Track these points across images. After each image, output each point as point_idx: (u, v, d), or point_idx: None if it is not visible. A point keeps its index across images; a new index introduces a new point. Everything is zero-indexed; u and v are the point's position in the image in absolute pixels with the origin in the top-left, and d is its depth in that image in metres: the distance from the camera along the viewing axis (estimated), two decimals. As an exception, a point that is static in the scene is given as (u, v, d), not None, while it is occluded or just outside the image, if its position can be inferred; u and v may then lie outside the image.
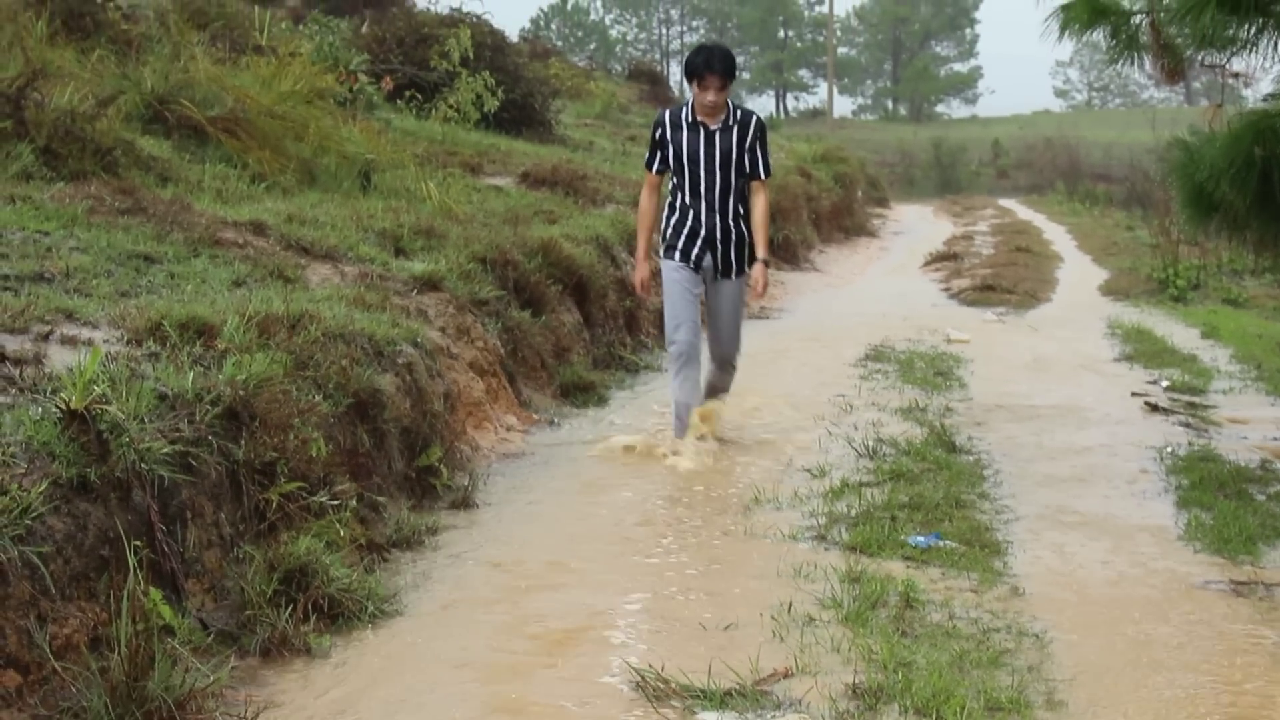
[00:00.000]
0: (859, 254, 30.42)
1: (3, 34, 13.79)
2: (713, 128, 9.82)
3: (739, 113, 9.94)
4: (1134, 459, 10.19)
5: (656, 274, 10.43)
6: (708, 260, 9.94)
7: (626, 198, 18.25)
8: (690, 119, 9.87)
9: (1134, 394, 12.89)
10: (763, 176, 9.96)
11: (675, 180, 10.01)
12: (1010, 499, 8.91)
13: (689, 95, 9.94)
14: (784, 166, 29.66)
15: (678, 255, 9.96)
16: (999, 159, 74.92)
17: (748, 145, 9.85)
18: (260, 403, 6.75)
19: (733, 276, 10.00)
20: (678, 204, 10.00)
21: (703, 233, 9.89)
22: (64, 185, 10.22)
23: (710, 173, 9.83)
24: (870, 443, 10.18)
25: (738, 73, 10.05)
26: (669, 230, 10.06)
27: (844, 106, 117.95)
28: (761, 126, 9.99)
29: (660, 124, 10.06)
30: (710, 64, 9.63)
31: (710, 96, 9.66)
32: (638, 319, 14.99)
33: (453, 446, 9.22)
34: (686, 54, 10.11)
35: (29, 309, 6.96)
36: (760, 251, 9.99)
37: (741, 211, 9.94)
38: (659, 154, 10.02)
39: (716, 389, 10.38)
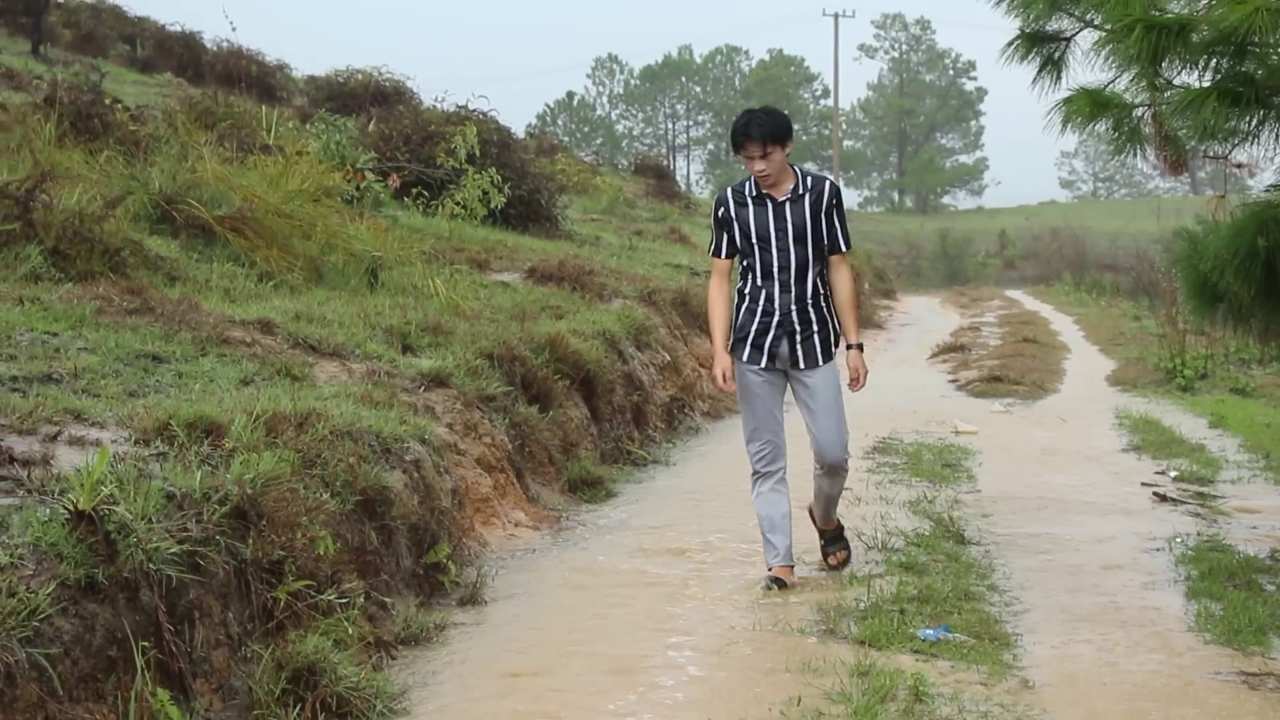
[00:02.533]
0: (866, 346, 30.42)
1: (11, 136, 13.90)
2: (780, 199, 8.76)
3: (809, 180, 8.87)
4: (1143, 549, 10.17)
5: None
6: (784, 349, 8.85)
7: (633, 292, 18.31)
8: (754, 192, 8.83)
9: (1143, 484, 12.88)
10: (843, 249, 8.93)
11: (744, 263, 8.92)
12: (1020, 591, 8.89)
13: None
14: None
15: (748, 350, 8.90)
16: (1005, 250, 75.25)
17: (823, 214, 8.81)
18: (268, 501, 6.76)
19: (819, 364, 8.92)
20: (748, 289, 8.92)
21: (776, 317, 8.81)
22: (72, 286, 10.26)
23: (783, 250, 8.77)
24: (879, 535, 10.16)
25: (792, 136, 8.91)
26: (738, 320, 8.98)
27: (850, 199, 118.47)
28: (837, 193, 8.95)
29: (722, 202, 9.00)
30: (747, 129, 8.62)
31: (757, 166, 8.62)
32: (645, 413, 15.02)
33: (461, 543, 9.22)
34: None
35: (37, 410, 6.98)
36: (852, 335, 9.07)
37: (822, 290, 8.89)
38: (725, 235, 8.94)
39: (828, 500, 9.31)
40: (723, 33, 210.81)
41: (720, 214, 8.98)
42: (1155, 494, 12.34)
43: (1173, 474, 13.48)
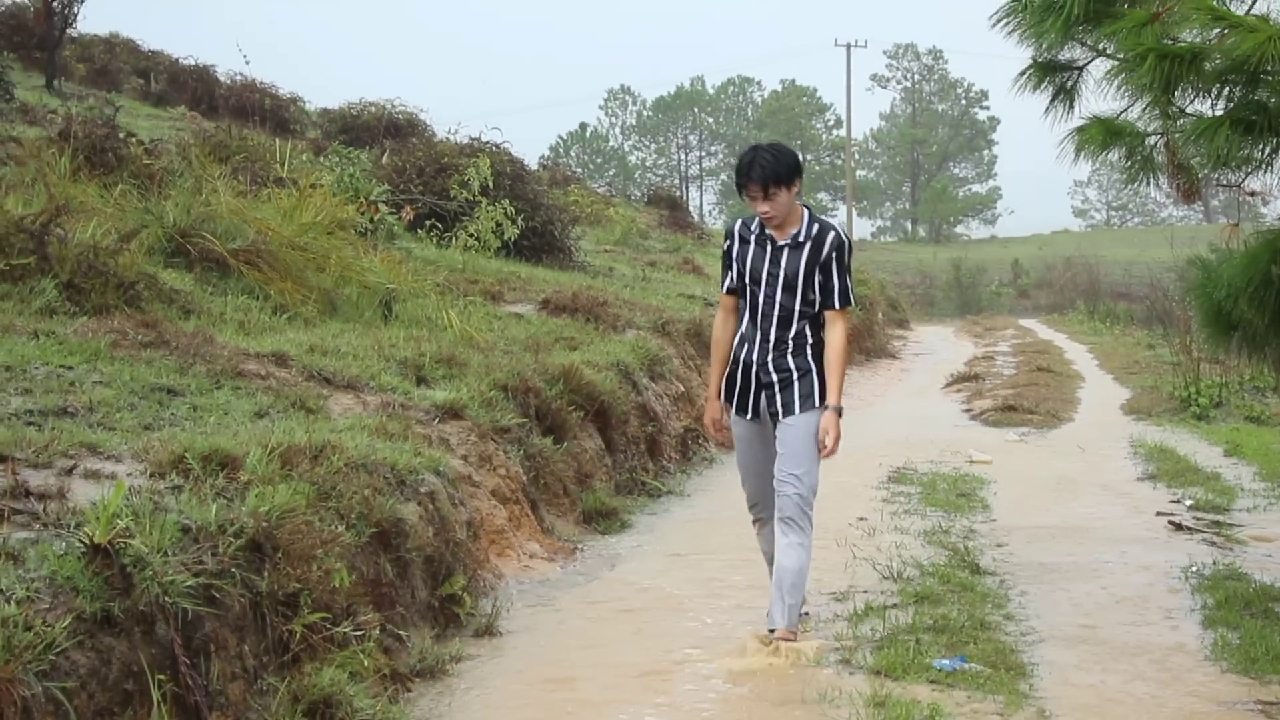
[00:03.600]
0: (880, 376, 30.46)
1: (27, 170, 13.94)
2: (780, 242, 8.19)
3: (815, 227, 8.22)
4: (1159, 578, 10.16)
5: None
6: (763, 401, 8.31)
7: (647, 323, 18.31)
8: (759, 230, 8.27)
9: (1158, 513, 12.85)
10: (837, 306, 8.22)
11: (742, 303, 8.44)
12: (1035, 620, 8.88)
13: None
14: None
15: (735, 400, 8.46)
16: (1019, 279, 75.20)
17: (820, 266, 8.15)
18: (283, 534, 6.76)
19: (796, 413, 8.20)
20: (738, 335, 8.45)
21: (754, 369, 8.30)
22: (87, 320, 10.28)
23: (770, 297, 8.23)
24: (894, 565, 10.15)
25: (800, 175, 8.10)
26: (730, 366, 8.49)
27: (863, 229, 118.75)
28: (840, 244, 8.21)
29: (730, 235, 8.48)
30: (749, 170, 8.05)
31: (760, 208, 8.07)
32: (660, 444, 15.01)
33: (476, 575, 9.22)
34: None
35: (53, 443, 6.99)
36: (831, 397, 8.21)
37: (808, 339, 8.26)
38: (729, 271, 8.44)
39: (780, 579, 8.15)
40: (735, 63, 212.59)
41: (726, 247, 8.49)
42: (1171, 523, 12.32)
43: (1188, 503, 13.46)
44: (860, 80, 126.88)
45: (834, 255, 8.19)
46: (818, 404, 8.24)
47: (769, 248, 8.24)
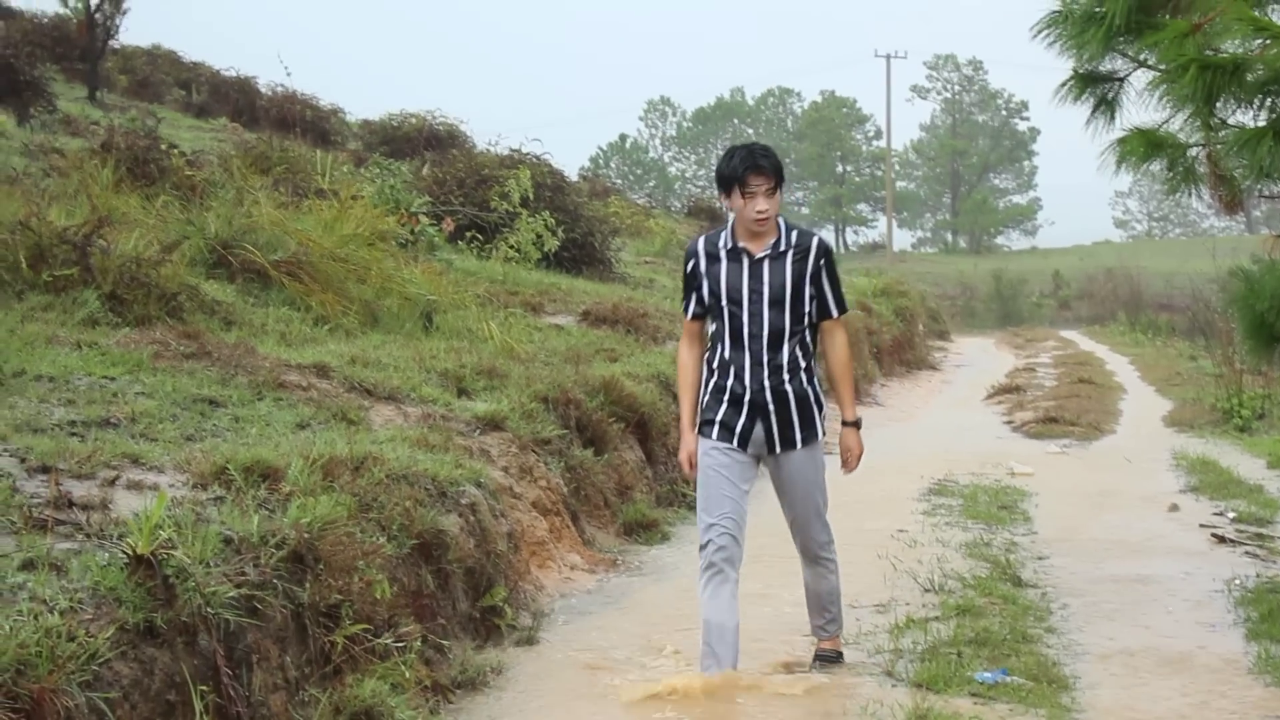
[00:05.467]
0: (921, 387, 30.37)
1: (69, 182, 14.03)
2: (758, 255, 7.46)
3: (794, 235, 7.54)
4: (1202, 591, 10.11)
5: None
6: (758, 431, 7.54)
7: (687, 334, 18.28)
8: (730, 244, 7.54)
9: (1201, 525, 12.80)
10: (834, 314, 7.66)
11: (715, 328, 7.65)
12: (1077, 633, 8.85)
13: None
14: (844, 301, 29.75)
15: (716, 431, 7.59)
16: (1060, 290, 74.97)
17: (808, 276, 7.49)
18: (325, 545, 6.77)
19: (797, 447, 7.59)
20: (716, 361, 7.62)
21: (747, 395, 7.49)
22: (129, 331, 10.32)
23: (756, 315, 7.46)
24: (935, 577, 10.13)
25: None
26: (706, 396, 7.66)
27: (903, 240, 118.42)
28: (826, 251, 7.60)
29: (693, 254, 7.70)
30: (753, 161, 7.36)
31: (760, 205, 7.33)
32: (700, 456, 14.98)
33: (517, 586, 9.23)
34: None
35: (95, 454, 7.03)
36: (847, 410, 7.80)
37: (801, 363, 7.53)
38: (694, 294, 7.71)
39: (821, 603, 8.00)
40: (775, 75, 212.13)
41: (690, 268, 7.72)
42: (1213, 535, 12.26)
43: (1231, 515, 13.39)
44: (900, 91, 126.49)
45: (822, 263, 7.56)
46: (820, 434, 7.68)
47: (745, 262, 7.49)
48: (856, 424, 7.84)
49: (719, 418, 7.58)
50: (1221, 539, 12.09)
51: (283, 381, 9.88)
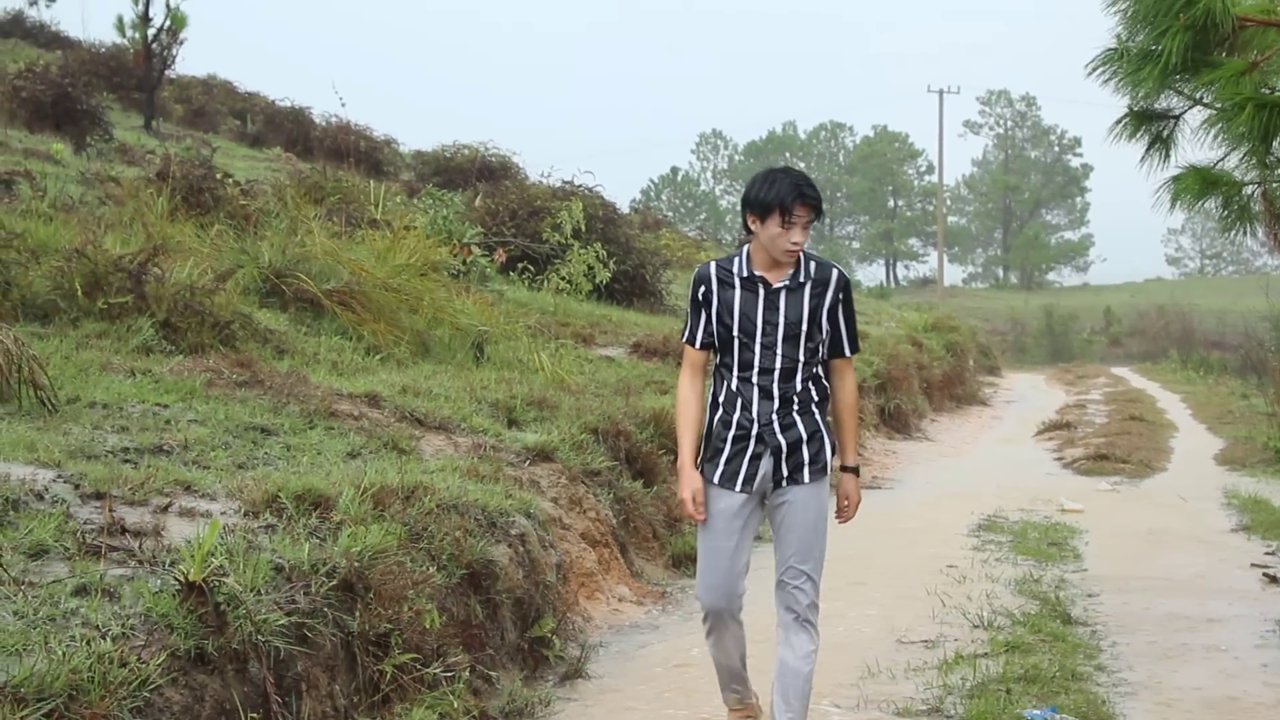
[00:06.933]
0: (971, 423, 30.30)
1: (125, 210, 14.13)
2: (775, 285, 6.80)
3: (813, 265, 6.88)
4: (1254, 631, 10.05)
5: None
6: (764, 467, 6.81)
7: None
8: (745, 272, 6.87)
9: (1252, 565, 12.73)
10: (846, 353, 7.00)
11: (720, 358, 6.98)
12: (1127, 671, 8.80)
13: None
14: (894, 335, 29.78)
15: (720, 473, 6.86)
16: (1111, 327, 74.75)
17: (825, 310, 6.85)
18: (375, 574, 6.79)
19: (804, 482, 6.83)
20: (722, 394, 6.94)
21: (754, 430, 6.80)
22: (183, 358, 10.39)
23: (769, 348, 6.82)
24: (984, 614, 10.09)
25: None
26: (710, 431, 6.96)
27: (954, 275, 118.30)
28: (845, 285, 6.94)
29: (703, 280, 6.96)
30: (800, 190, 6.65)
31: (798, 235, 6.67)
32: (749, 489, 14.96)
33: (565, 617, 9.22)
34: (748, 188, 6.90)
35: (148, 481, 7.07)
36: (849, 457, 7.05)
37: (814, 396, 6.90)
38: (702, 321, 6.97)
39: (790, 684, 6.78)
40: (827, 109, 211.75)
41: (700, 294, 6.95)
42: (1265, 575, 12.19)
43: (1284, 555, 13.33)
44: (953, 126, 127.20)
45: (840, 298, 6.89)
46: (828, 471, 6.91)
47: (761, 292, 6.82)
48: (856, 471, 7.07)
49: (724, 456, 6.87)
50: (1273, 579, 12.02)
51: (334, 410, 9.92)
